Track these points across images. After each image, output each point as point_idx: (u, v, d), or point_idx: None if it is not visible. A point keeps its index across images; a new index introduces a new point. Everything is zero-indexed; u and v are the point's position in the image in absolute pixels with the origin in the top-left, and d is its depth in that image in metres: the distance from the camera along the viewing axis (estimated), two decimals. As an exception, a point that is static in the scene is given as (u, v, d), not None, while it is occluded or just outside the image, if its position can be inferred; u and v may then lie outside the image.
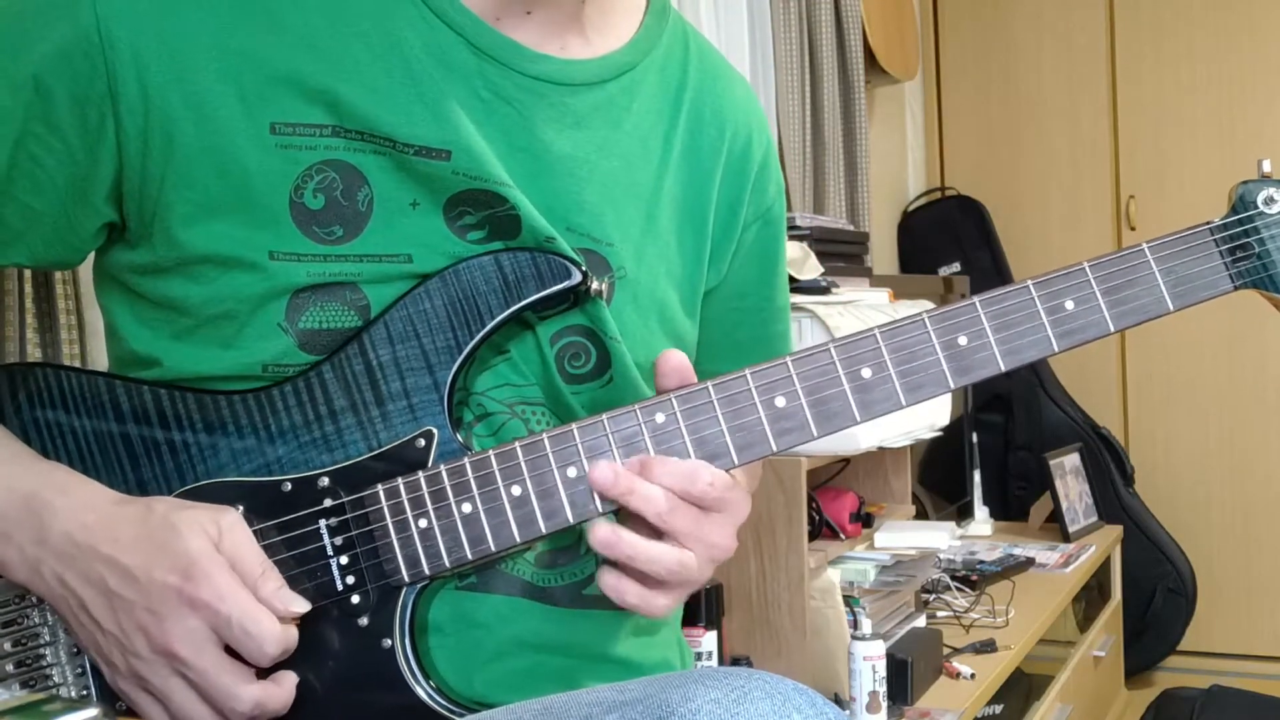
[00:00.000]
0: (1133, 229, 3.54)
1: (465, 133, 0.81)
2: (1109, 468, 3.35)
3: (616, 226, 0.87)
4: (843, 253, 2.47)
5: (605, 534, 0.77)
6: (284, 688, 0.76)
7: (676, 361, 0.82)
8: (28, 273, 1.18)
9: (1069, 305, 0.83)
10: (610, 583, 0.78)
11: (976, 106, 3.75)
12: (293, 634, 0.76)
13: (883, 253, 3.50)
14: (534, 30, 0.85)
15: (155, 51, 0.77)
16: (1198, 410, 3.50)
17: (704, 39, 1.00)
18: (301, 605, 0.77)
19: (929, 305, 2.49)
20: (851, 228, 2.74)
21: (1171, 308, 0.84)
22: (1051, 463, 3.13)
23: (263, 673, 0.76)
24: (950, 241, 3.60)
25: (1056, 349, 0.83)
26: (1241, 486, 3.46)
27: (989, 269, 3.56)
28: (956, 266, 3.55)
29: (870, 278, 2.48)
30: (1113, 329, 0.83)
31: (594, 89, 0.87)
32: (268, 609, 0.75)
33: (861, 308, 2.05)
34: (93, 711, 0.55)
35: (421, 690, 0.78)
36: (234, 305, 0.80)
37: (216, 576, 0.74)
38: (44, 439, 0.83)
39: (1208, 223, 0.85)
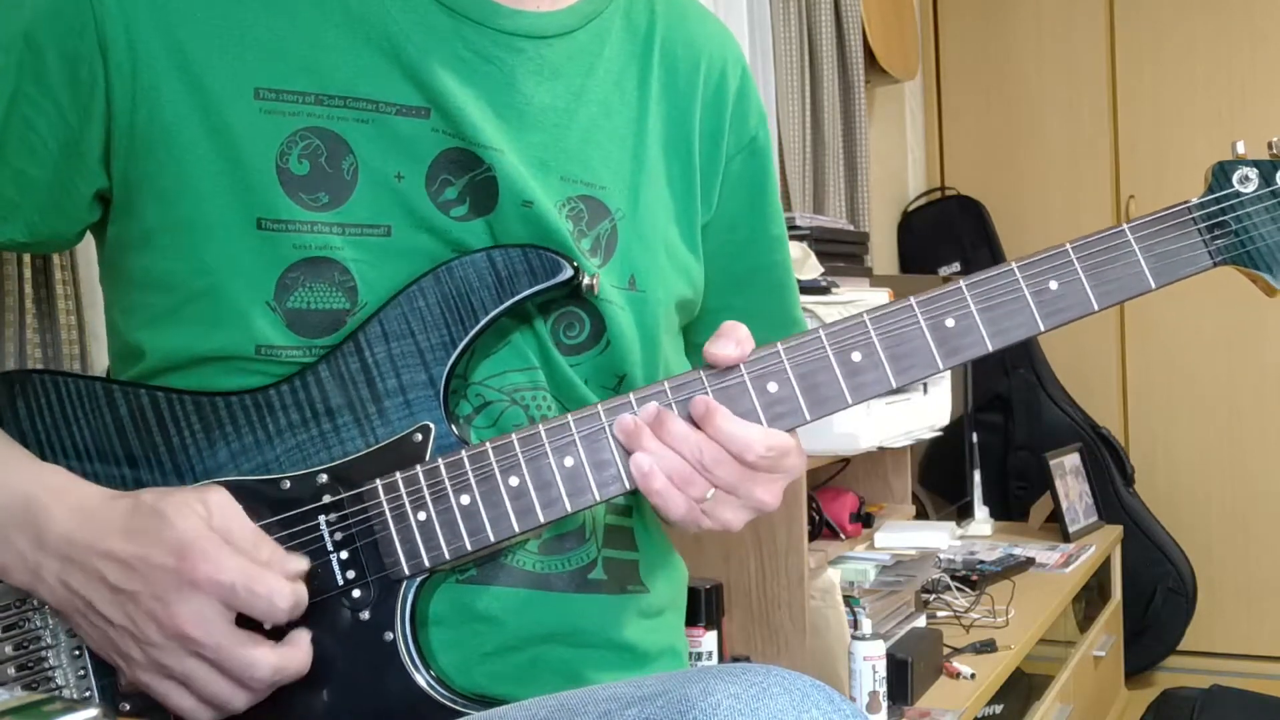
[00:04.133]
0: (1133, 229, 3.54)
1: (445, 91, 0.82)
2: (1109, 468, 3.35)
3: (606, 169, 0.89)
4: (843, 253, 2.47)
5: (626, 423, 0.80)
6: (300, 648, 0.77)
7: (739, 334, 0.83)
8: (28, 273, 1.18)
9: (1053, 285, 0.85)
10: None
11: (976, 106, 3.74)
12: (302, 590, 0.77)
13: (883, 253, 3.50)
14: None
15: (144, 9, 0.78)
16: (1198, 410, 3.50)
17: None
18: (301, 562, 0.77)
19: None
20: (851, 228, 2.74)
21: (1153, 285, 0.86)
22: (1051, 463, 3.13)
23: (276, 636, 0.77)
24: (950, 241, 3.60)
25: (1043, 328, 0.85)
26: (1241, 486, 3.46)
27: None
28: (956, 266, 3.55)
29: (870, 278, 2.48)
30: (1096, 307, 0.85)
31: (565, 39, 0.89)
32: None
33: (861, 308, 2.05)
34: (92, 712, 0.55)
35: (423, 681, 0.78)
36: (219, 278, 0.80)
37: (211, 551, 0.74)
38: (43, 446, 0.83)
39: (1186, 202, 0.87)
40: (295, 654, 0.77)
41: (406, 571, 0.79)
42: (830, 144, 2.87)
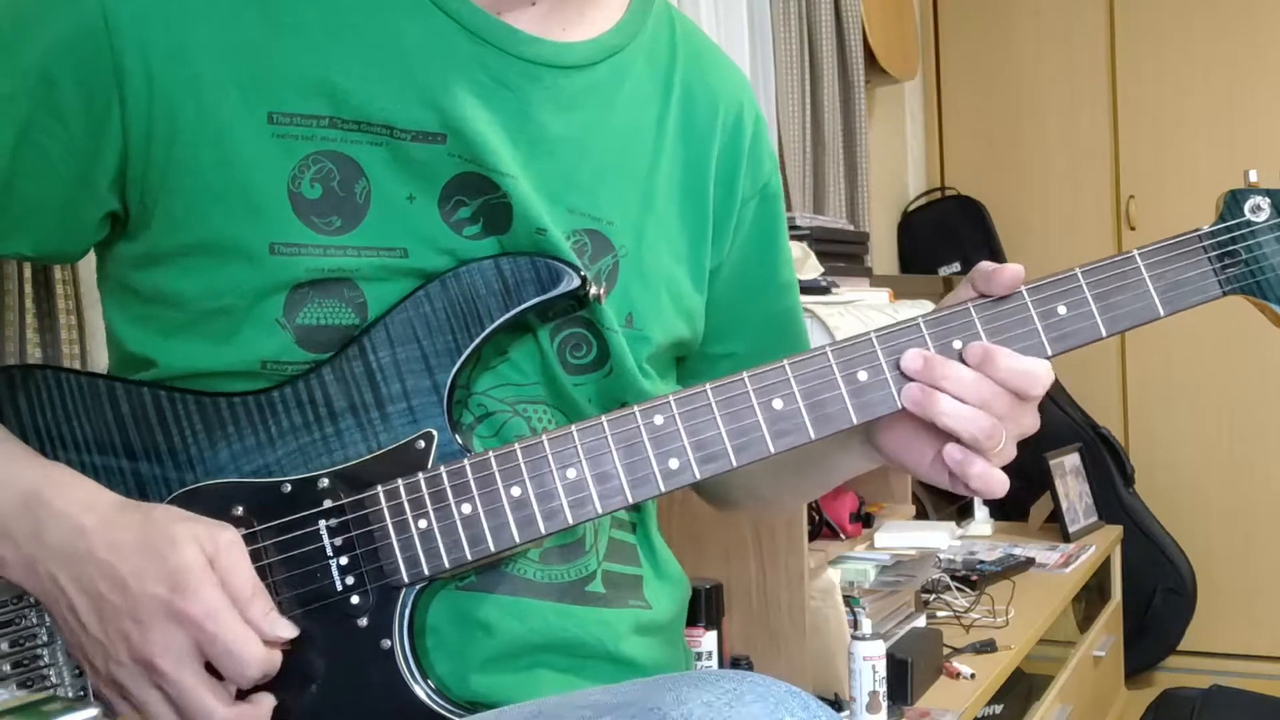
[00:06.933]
0: (1133, 229, 3.54)
1: (462, 117, 0.82)
2: (1109, 468, 3.35)
3: (614, 205, 0.88)
4: (843, 253, 2.47)
5: (914, 359, 0.82)
6: (260, 709, 0.76)
7: (1010, 276, 0.84)
8: (28, 273, 1.18)
9: (1061, 310, 0.84)
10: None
11: (976, 106, 3.74)
12: (275, 658, 0.76)
13: (883, 253, 3.50)
14: (535, 18, 0.86)
15: (159, 37, 0.77)
16: (1198, 410, 3.50)
17: (689, 20, 1.01)
18: (289, 630, 0.77)
19: (930, 306, 2.48)
20: (851, 228, 2.74)
21: (1162, 313, 0.85)
22: (1051, 463, 3.13)
23: (242, 691, 0.76)
24: (950, 241, 3.60)
25: (1050, 354, 0.84)
26: (1241, 486, 3.46)
27: (989, 269, 3.56)
28: (956, 267, 3.55)
29: (870, 278, 2.48)
30: (1105, 334, 0.85)
31: (585, 71, 0.88)
32: (254, 631, 0.75)
33: (862, 308, 2.05)
34: (92, 711, 0.55)
35: (420, 691, 0.78)
36: (231, 300, 0.80)
37: (205, 592, 0.73)
38: (43, 441, 0.83)
39: (1197, 230, 0.86)
40: (254, 715, 0.76)
41: (406, 579, 0.79)
42: (830, 144, 2.87)
